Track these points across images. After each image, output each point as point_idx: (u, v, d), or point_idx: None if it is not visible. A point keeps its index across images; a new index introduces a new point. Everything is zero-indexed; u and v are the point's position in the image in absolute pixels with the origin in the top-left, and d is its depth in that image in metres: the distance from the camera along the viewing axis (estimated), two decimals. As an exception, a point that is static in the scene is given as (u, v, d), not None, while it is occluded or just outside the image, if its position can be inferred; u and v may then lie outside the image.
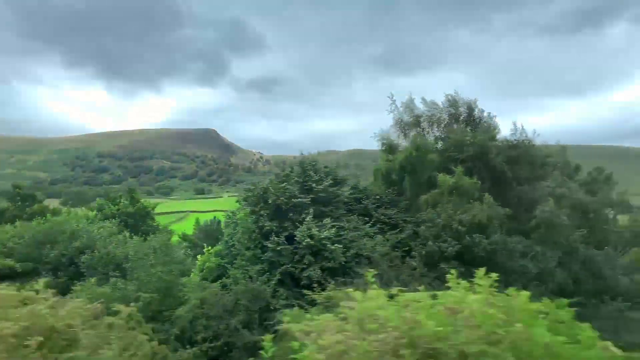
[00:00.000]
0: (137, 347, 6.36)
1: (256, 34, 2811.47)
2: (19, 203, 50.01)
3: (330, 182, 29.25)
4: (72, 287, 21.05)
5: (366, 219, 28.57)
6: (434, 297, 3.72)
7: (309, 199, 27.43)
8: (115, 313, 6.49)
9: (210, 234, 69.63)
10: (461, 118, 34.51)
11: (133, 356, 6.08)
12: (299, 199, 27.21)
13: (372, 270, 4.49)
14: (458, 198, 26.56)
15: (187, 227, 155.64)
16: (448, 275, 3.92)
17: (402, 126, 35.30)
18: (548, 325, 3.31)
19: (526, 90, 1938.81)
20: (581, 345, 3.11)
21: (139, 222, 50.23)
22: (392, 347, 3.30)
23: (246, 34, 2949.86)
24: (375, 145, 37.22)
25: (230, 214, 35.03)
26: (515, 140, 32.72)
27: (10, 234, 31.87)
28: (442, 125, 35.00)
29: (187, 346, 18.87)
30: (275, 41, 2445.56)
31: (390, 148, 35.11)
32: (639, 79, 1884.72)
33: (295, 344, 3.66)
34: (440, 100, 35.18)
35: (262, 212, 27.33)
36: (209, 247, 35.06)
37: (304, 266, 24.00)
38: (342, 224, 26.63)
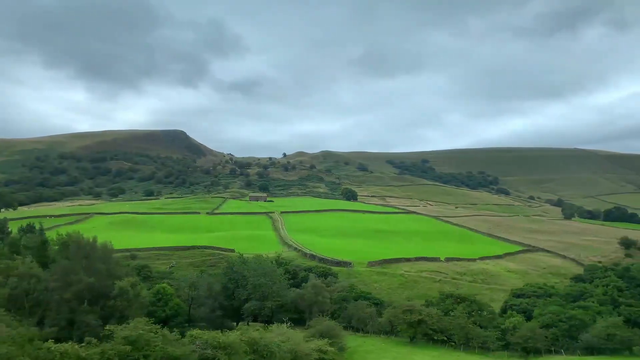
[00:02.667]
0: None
1: (235, 35, 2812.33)
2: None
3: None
4: None
5: None
6: None
7: None
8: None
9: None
10: None
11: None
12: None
13: None
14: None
15: (84, 228, 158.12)
16: None
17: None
18: None
19: (507, 92, 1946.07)
20: None
21: None
22: None
23: (225, 35, 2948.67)
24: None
25: None
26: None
27: None
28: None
29: None
30: (255, 43, 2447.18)
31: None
32: (616, 81, 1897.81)
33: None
34: None
35: None
36: None
37: None
38: None
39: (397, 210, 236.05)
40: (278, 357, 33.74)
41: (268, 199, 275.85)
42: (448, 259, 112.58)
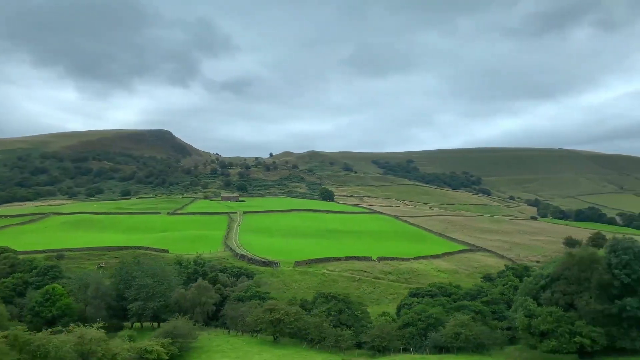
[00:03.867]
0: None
1: (225, 34, 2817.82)
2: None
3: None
4: None
5: None
6: None
7: None
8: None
9: None
10: None
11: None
12: None
13: None
14: None
15: (34, 228, 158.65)
16: None
17: None
18: None
19: (498, 93, 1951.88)
20: None
21: None
22: None
23: (215, 35, 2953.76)
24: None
25: None
26: None
27: None
28: None
29: None
30: (245, 42, 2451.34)
31: None
32: (606, 82, 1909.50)
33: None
34: None
35: None
36: None
37: None
38: None
39: (363, 210, 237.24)
40: (55, 356, 34.51)
41: (240, 199, 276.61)
42: (380, 259, 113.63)
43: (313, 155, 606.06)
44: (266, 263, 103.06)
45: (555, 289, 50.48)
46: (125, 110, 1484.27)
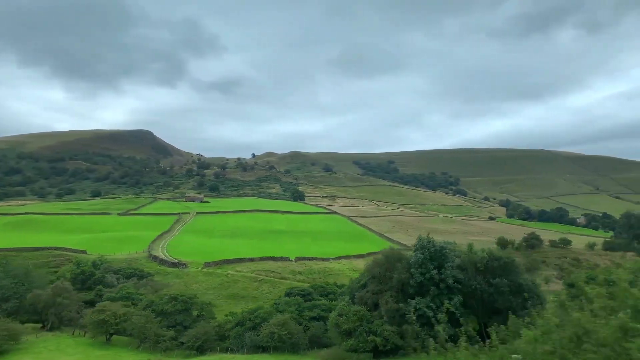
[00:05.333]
0: None
1: (211, 34, 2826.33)
2: None
3: None
4: None
5: None
6: None
7: None
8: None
9: None
10: None
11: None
12: None
13: None
14: None
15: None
16: None
17: None
18: None
19: (486, 94, 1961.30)
20: None
21: None
22: None
23: (201, 35, 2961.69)
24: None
25: None
26: None
27: None
28: None
29: None
30: (232, 42, 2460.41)
31: None
32: (592, 83, 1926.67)
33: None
34: None
35: None
36: None
37: None
38: None
39: (322, 211, 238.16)
40: None
41: (205, 199, 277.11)
42: (298, 259, 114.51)
43: (295, 156, 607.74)
44: (175, 264, 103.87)
45: (368, 287, 51.50)
46: (113, 110, 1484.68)
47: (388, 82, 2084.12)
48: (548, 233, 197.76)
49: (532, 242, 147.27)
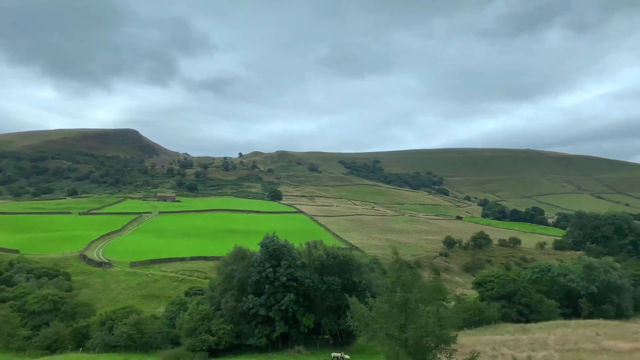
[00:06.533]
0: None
1: (201, 33, 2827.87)
2: None
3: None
4: None
5: None
6: None
7: None
8: None
9: None
10: None
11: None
12: None
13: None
14: None
15: None
16: None
17: None
18: None
19: (476, 93, 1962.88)
20: None
21: None
22: None
23: (191, 33, 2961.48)
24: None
25: None
26: None
27: None
28: None
29: None
30: (222, 41, 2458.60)
31: None
32: (581, 83, 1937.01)
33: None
34: None
35: None
36: None
37: None
38: None
39: (289, 210, 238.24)
40: None
41: (177, 198, 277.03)
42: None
43: (282, 156, 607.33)
44: (100, 264, 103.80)
45: (217, 287, 51.58)
46: (105, 110, 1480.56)
47: (379, 82, 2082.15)
48: (511, 232, 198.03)
49: (479, 241, 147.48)
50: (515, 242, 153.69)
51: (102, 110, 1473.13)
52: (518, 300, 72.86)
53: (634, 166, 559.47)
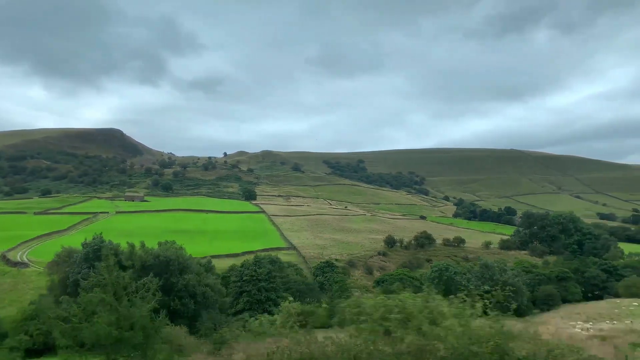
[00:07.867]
0: None
1: (190, 32, 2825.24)
2: None
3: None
4: None
5: None
6: None
7: None
8: None
9: None
10: None
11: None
12: None
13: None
14: None
15: None
16: None
17: None
18: None
19: (466, 94, 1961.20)
20: None
21: None
22: None
23: (179, 32, 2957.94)
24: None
25: None
26: None
27: None
28: None
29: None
30: (211, 40, 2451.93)
31: None
32: (570, 84, 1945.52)
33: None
34: None
35: None
36: None
37: None
38: None
39: (254, 210, 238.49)
40: None
41: (146, 198, 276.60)
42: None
43: (267, 155, 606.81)
44: (16, 264, 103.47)
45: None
46: (95, 109, 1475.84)
47: (369, 82, 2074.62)
48: (468, 232, 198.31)
49: (421, 241, 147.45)
50: (460, 241, 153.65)
51: (92, 109, 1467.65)
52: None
53: (616, 166, 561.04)
